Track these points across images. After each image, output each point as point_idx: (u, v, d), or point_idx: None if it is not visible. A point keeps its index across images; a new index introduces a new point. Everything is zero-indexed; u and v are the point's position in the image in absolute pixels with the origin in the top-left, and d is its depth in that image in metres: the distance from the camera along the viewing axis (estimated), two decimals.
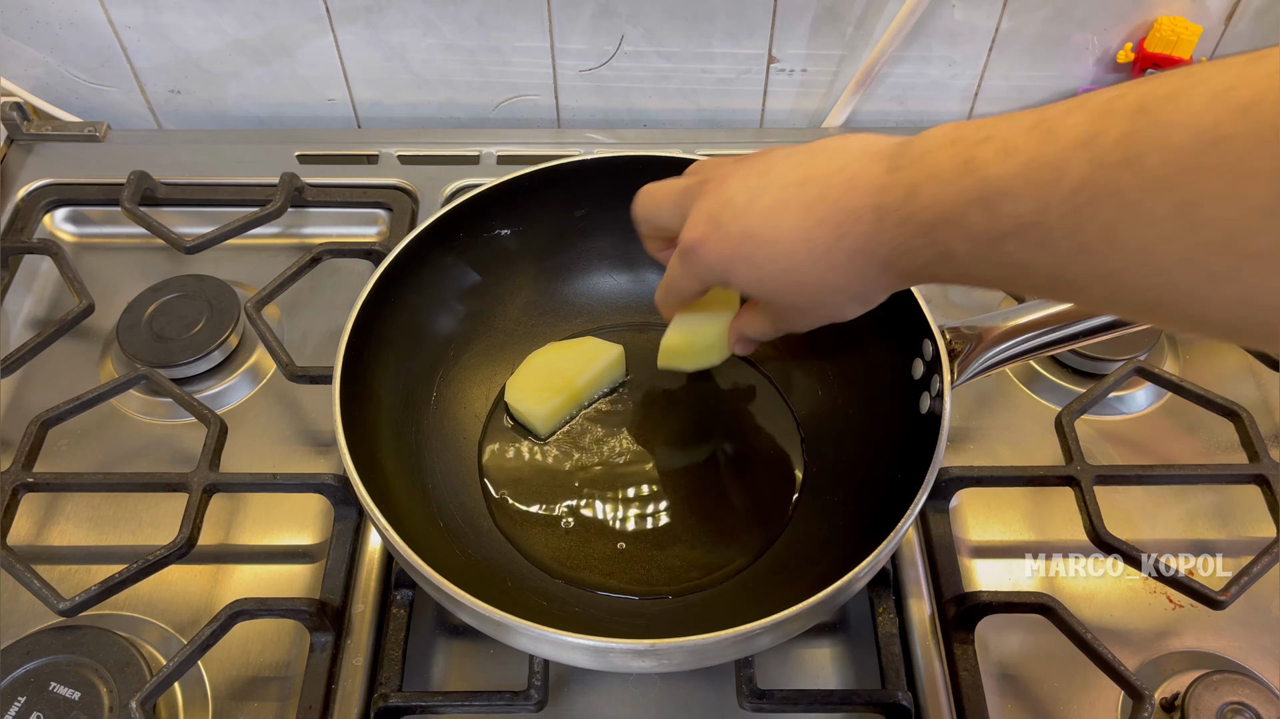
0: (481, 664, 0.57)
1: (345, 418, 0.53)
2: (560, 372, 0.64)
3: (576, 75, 0.83)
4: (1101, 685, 0.54)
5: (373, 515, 0.49)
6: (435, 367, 0.64)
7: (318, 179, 0.79)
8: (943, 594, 0.58)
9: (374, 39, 0.80)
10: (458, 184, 0.79)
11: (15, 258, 0.75)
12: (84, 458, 0.65)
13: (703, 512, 0.61)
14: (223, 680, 0.56)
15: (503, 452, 0.63)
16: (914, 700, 0.54)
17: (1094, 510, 0.58)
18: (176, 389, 0.63)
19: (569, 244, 0.68)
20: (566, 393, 0.63)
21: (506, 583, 0.56)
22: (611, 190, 0.66)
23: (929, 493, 0.50)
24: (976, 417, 0.68)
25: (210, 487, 0.59)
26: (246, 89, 0.84)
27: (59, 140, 0.83)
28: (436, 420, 0.63)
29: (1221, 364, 0.70)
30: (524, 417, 0.63)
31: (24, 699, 0.52)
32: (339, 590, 0.58)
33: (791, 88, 0.84)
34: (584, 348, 0.66)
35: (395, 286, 0.60)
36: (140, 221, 0.74)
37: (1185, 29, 0.76)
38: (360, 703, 0.54)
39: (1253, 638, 0.57)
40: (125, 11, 0.78)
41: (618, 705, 0.56)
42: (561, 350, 0.66)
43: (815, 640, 0.58)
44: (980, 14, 0.78)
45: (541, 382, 0.64)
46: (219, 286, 0.71)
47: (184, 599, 0.59)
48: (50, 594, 0.54)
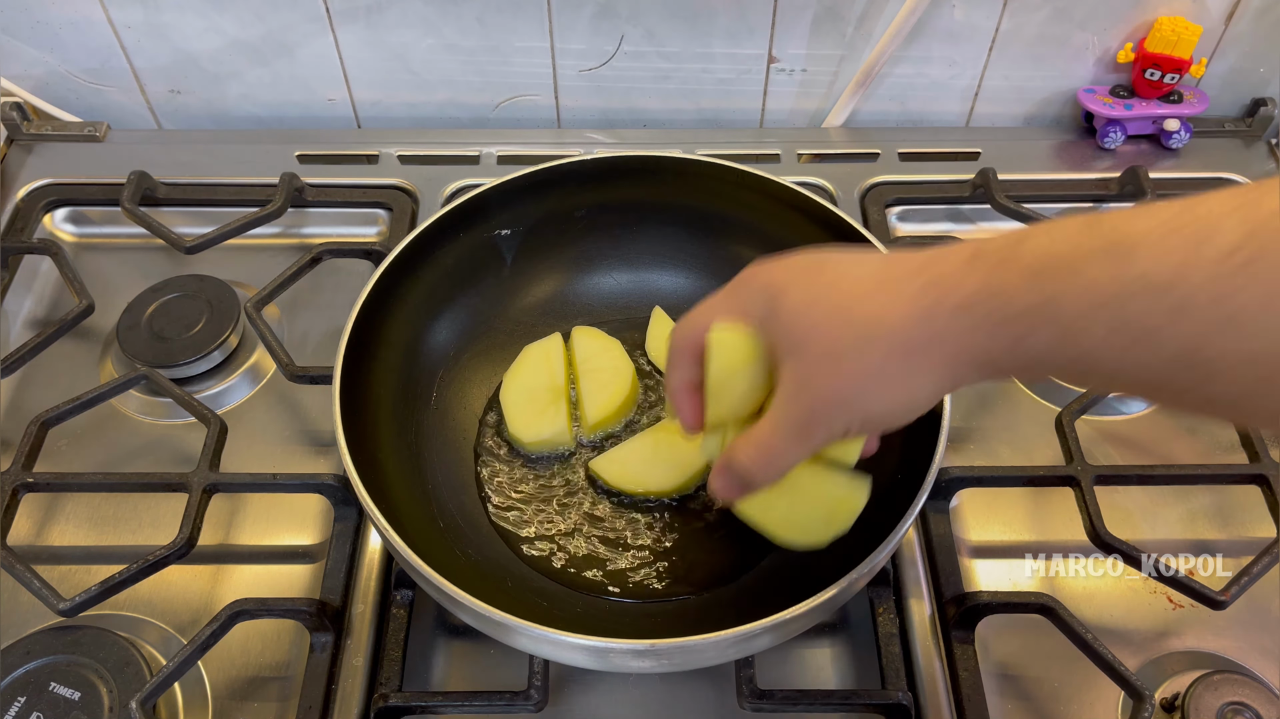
0: (481, 664, 0.57)
1: (345, 418, 0.53)
2: (555, 387, 0.63)
3: (576, 75, 0.83)
4: (1101, 685, 0.54)
5: (372, 515, 0.49)
6: (435, 367, 0.64)
7: (318, 179, 0.79)
8: (943, 594, 0.58)
9: (374, 39, 0.80)
10: (458, 184, 0.79)
11: (15, 258, 0.75)
12: (84, 458, 0.65)
13: (702, 512, 0.61)
14: (223, 680, 0.56)
15: (497, 451, 0.63)
16: (914, 700, 0.54)
17: (1094, 510, 0.58)
18: (176, 389, 0.63)
19: (569, 244, 0.68)
20: (559, 407, 0.63)
21: (506, 583, 0.56)
22: (611, 190, 0.66)
23: (929, 493, 0.50)
24: (976, 417, 0.68)
25: (210, 487, 0.59)
26: (246, 89, 0.84)
27: (59, 140, 0.83)
28: (436, 420, 0.63)
29: None
30: (516, 440, 0.63)
31: (24, 699, 0.52)
32: (339, 590, 0.58)
33: (791, 88, 0.84)
34: (593, 358, 0.65)
35: (395, 286, 0.60)
36: (140, 221, 0.74)
37: (1185, 29, 0.76)
38: (360, 703, 0.54)
39: (1253, 638, 0.57)
40: (125, 11, 0.78)
41: (618, 705, 0.56)
42: (562, 358, 0.65)
43: (815, 640, 0.58)
44: (980, 14, 0.78)
45: (535, 403, 0.63)
46: (219, 286, 0.71)
47: (184, 599, 0.59)
48: (50, 594, 0.54)
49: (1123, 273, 0.30)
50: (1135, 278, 0.29)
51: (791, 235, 0.61)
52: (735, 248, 0.67)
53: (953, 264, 0.35)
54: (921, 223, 0.80)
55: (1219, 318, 0.28)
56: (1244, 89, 0.84)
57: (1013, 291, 0.33)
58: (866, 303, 0.37)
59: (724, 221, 0.67)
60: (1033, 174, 0.80)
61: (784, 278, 0.40)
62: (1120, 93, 0.81)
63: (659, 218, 0.68)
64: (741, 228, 0.66)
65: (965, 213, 0.79)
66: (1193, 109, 0.80)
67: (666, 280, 0.69)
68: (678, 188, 0.66)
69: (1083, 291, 0.31)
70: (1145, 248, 0.29)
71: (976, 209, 0.79)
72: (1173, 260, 0.29)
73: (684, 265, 0.69)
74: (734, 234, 0.67)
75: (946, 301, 0.35)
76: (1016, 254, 0.33)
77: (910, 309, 0.36)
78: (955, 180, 0.79)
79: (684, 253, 0.69)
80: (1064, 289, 0.31)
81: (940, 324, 0.35)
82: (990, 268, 0.34)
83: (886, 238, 0.76)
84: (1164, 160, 0.82)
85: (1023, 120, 0.87)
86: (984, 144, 0.83)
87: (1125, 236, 0.30)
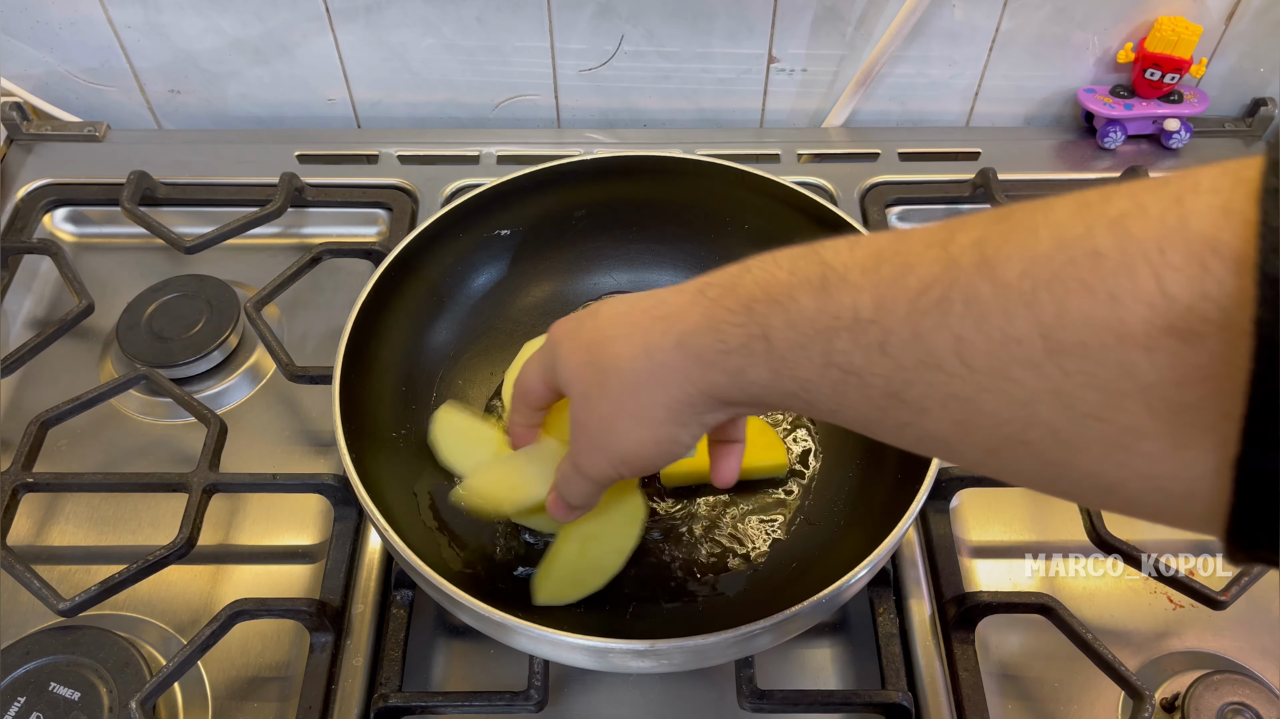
0: (481, 664, 0.57)
1: (345, 418, 0.53)
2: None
3: (576, 75, 0.83)
4: (1101, 685, 0.54)
5: (372, 516, 0.49)
6: (435, 367, 0.64)
7: (318, 179, 0.79)
8: (943, 594, 0.58)
9: (374, 39, 0.80)
10: (458, 184, 0.79)
11: (15, 258, 0.75)
12: (84, 458, 0.65)
13: (702, 515, 0.60)
14: (223, 680, 0.56)
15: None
16: (914, 700, 0.54)
17: (1094, 510, 0.58)
18: (176, 389, 0.63)
19: (568, 244, 0.68)
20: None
21: (505, 583, 0.56)
22: (610, 190, 0.66)
23: (929, 493, 0.50)
24: None
25: (210, 487, 0.59)
26: (246, 89, 0.84)
27: (59, 140, 0.83)
28: None
29: None
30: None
31: (24, 699, 0.52)
32: (339, 590, 0.58)
33: (792, 88, 0.84)
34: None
35: (395, 286, 0.60)
36: (140, 221, 0.74)
37: (1185, 29, 0.76)
38: (360, 703, 0.54)
39: (1253, 638, 0.57)
40: (125, 11, 0.78)
41: (618, 705, 0.56)
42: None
43: (815, 640, 0.58)
44: (980, 14, 0.78)
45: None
46: (219, 286, 0.71)
47: (184, 599, 0.59)
48: (50, 594, 0.54)
49: (829, 306, 0.29)
50: (841, 311, 0.29)
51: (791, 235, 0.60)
52: (735, 248, 0.66)
53: (683, 298, 0.35)
54: (921, 222, 0.79)
55: (917, 357, 0.27)
56: (1244, 89, 0.84)
57: (729, 324, 0.32)
58: (610, 346, 0.38)
59: (724, 221, 0.67)
60: (1033, 174, 0.80)
61: (561, 331, 0.42)
62: (1120, 93, 0.81)
63: (659, 218, 0.68)
64: (741, 228, 0.66)
65: (965, 213, 0.79)
66: (1193, 109, 0.80)
67: (666, 280, 0.69)
68: (677, 188, 0.66)
69: (793, 325, 0.30)
70: (852, 280, 0.29)
71: (977, 209, 0.79)
72: (876, 295, 0.28)
73: (684, 265, 0.69)
74: (734, 234, 0.67)
75: (671, 334, 0.35)
76: (738, 284, 0.33)
77: (638, 347, 0.36)
78: (955, 180, 0.79)
79: (683, 253, 0.69)
80: (775, 322, 0.31)
81: (661, 358, 0.35)
82: (711, 300, 0.34)
83: None
84: (1164, 160, 0.82)
85: (1023, 120, 0.87)
86: (984, 144, 0.83)
87: (837, 268, 0.29)
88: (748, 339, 0.32)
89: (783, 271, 0.32)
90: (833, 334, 0.29)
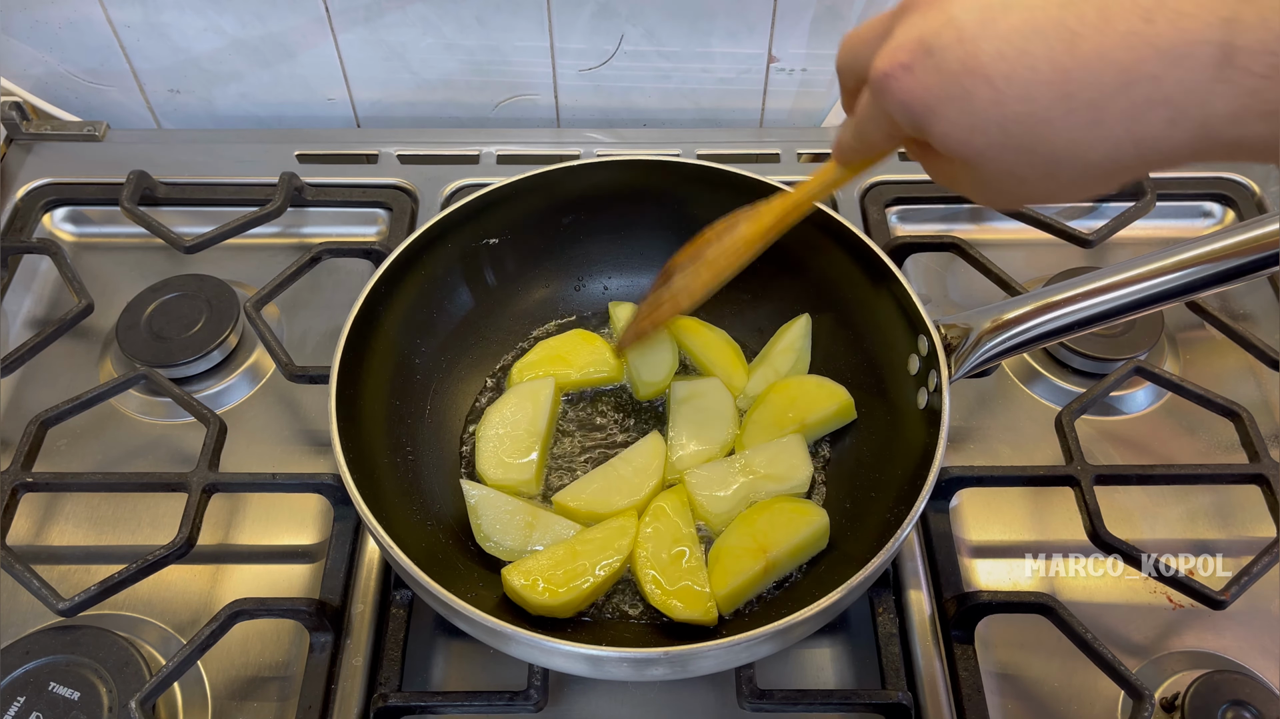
0: (481, 664, 0.57)
1: (341, 422, 0.53)
2: (534, 431, 0.61)
3: (576, 75, 0.83)
4: (1101, 685, 0.54)
5: (368, 521, 0.49)
6: (430, 373, 0.64)
7: (317, 179, 0.79)
8: (943, 594, 0.58)
9: (374, 39, 0.80)
10: (458, 184, 0.79)
11: (15, 257, 0.75)
12: (84, 458, 0.65)
13: None
14: (222, 680, 0.56)
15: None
16: (914, 700, 0.54)
17: (1094, 510, 0.58)
18: (176, 389, 0.63)
19: (558, 250, 0.68)
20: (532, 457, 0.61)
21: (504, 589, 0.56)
22: (597, 196, 0.66)
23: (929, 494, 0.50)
24: (976, 416, 0.68)
25: (210, 487, 0.59)
26: (246, 89, 0.84)
27: (58, 140, 0.83)
28: (432, 424, 0.63)
29: (1221, 364, 0.70)
30: (482, 477, 0.61)
31: (24, 699, 0.52)
32: (338, 590, 0.58)
33: (791, 87, 0.84)
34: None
35: (393, 287, 0.60)
36: (140, 221, 0.74)
37: None
38: (360, 703, 0.54)
39: (1253, 638, 0.57)
40: (125, 11, 0.78)
41: (617, 705, 0.55)
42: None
43: (815, 640, 0.58)
44: None
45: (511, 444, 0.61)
46: (218, 286, 0.71)
47: (184, 599, 0.59)
48: (50, 594, 0.54)
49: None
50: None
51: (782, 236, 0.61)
52: None
53: (1194, 73, 0.29)
54: (921, 222, 0.79)
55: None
56: None
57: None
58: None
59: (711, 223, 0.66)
60: None
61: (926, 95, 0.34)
62: None
63: (647, 222, 0.68)
64: None
65: (965, 213, 0.79)
66: None
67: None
68: (665, 191, 0.66)
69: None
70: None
71: (976, 209, 0.79)
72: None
73: None
74: None
75: (1170, 110, 0.30)
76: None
77: (1105, 104, 0.31)
78: None
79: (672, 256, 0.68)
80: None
81: (1151, 125, 0.31)
82: (1247, 75, 0.29)
83: (886, 237, 0.76)
84: None
85: None
86: None
87: None
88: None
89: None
90: None
